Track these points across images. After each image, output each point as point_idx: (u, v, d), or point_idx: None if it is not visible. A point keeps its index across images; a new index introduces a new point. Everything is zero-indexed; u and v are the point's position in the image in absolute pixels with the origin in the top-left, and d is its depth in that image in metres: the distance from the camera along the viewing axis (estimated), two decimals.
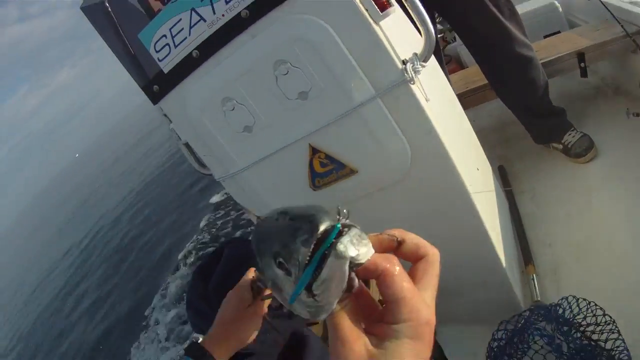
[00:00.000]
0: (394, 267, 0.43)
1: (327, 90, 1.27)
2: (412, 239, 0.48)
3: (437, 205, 1.40)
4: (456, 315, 1.68)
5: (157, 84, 1.47)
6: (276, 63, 1.29)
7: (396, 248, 0.47)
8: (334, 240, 0.41)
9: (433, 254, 0.48)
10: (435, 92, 1.38)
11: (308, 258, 0.42)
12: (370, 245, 0.44)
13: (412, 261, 0.48)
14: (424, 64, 1.26)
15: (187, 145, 1.54)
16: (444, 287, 1.52)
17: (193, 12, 1.34)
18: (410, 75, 1.22)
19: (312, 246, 0.42)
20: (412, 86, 1.24)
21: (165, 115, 1.53)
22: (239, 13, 1.28)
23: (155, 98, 1.49)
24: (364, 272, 0.43)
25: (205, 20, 1.34)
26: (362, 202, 1.44)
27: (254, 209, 0.69)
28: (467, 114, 1.81)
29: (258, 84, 1.32)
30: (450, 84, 1.84)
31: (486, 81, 2.24)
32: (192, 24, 1.36)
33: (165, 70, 1.43)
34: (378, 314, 0.45)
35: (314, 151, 1.36)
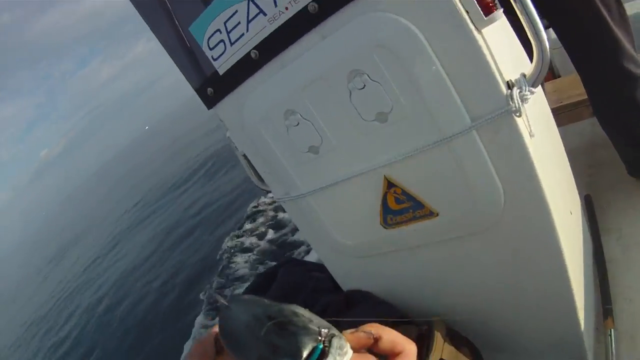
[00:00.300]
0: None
1: (411, 113, 1.02)
2: (389, 336, 0.51)
3: (522, 257, 1.15)
4: None
5: (212, 87, 1.27)
6: (351, 73, 1.04)
7: (373, 345, 0.50)
8: None
9: (409, 349, 0.51)
10: (538, 121, 1.10)
11: None
12: (350, 349, 0.46)
13: (390, 356, 0.50)
14: (533, 89, 0.97)
15: (245, 156, 1.37)
16: (515, 344, 1.29)
17: (250, 3, 1.11)
18: (517, 105, 0.94)
19: None
20: (517, 118, 0.97)
21: (221, 120, 1.35)
22: (306, 6, 1.03)
23: (209, 102, 1.30)
24: None
25: (265, 14, 1.10)
26: (437, 247, 1.22)
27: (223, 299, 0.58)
28: None
29: (327, 98, 1.09)
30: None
31: (585, 96, 1.86)
32: (249, 18, 1.13)
33: (221, 72, 1.23)
34: None
35: (390, 185, 1.12)
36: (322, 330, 0.47)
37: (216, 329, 0.86)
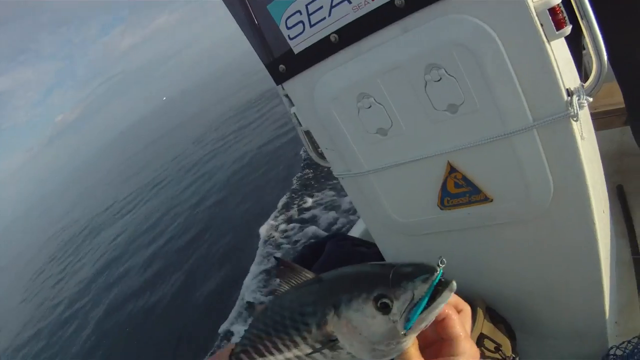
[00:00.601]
0: (455, 312, 0.62)
1: (480, 108, 1.20)
2: (453, 297, 0.63)
3: (561, 247, 1.36)
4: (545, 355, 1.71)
5: (284, 64, 1.41)
6: (428, 67, 1.21)
7: None
8: (442, 280, 0.58)
9: (467, 309, 0.67)
10: (585, 125, 1.30)
11: (423, 293, 0.57)
12: None
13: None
14: (589, 98, 1.17)
15: (307, 132, 1.51)
16: (543, 327, 1.51)
17: None
18: (575, 111, 1.14)
19: (427, 286, 0.57)
20: (573, 122, 1.16)
21: (286, 96, 1.48)
22: (392, 0, 1.19)
23: (279, 78, 1.44)
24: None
25: (350, 2, 1.25)
26: (485, 231, 1.41)
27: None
28: None
29: (403, 86, 1.26)
30: None
31: (618, 106, 2.08)
32: (333, 4, 1.28)
33: (296, 51, 1.37)
34: (433, 349, 0.63)
35: (452, 170, 1.31)
36: (443, 259, 0.60)
37: (231, 347, 0.90)
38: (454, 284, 0.58)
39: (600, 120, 2.30)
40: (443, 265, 0.58)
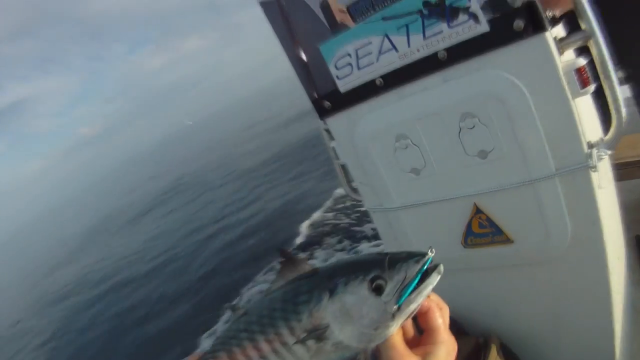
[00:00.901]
0: (437, 307, 0.69)
1: (508, 155, 1.37)
2: (435, 296, 0.72)
3: (575, 290, 1.51)
4: None
5: (330, 101, 1.59)
6: (463, 115, 1.38)
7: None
8: (431, 265, 0.64)
9: (446, 308, 0.72)
10: (604, 175, 1.46)
11: (415, 273, 0.63)
12: None
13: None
14: (608, 151, 1.31)
15: (343, 166, 1.66)
16: None
17: (386, 38, 1.44)
18: (594, 163, 1.30)
19: (419, 267, 0.63)
20: (592, 173, 1.30)
21: (327, 131, 1.64)
22: (436, 53, 1.37)
23: (323, 114, 1.61)
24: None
25: (397, 51, 1.43)
26: (503, 271, 1.57)
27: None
28: None
29: (439, 131, 1.43)
30: None
31: (638, 158, 2.22)
32: (382, 51, 1.47)
33: (342, 90, 1.54)
34: (412, 339, 0.70)
35: (477, 211, 1.48)
36: (433, 249, 0.65)
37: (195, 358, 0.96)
38: (442, 267, 0.65)
39: (623, 170, 2.43)
40: (432, 254, 0.65)
